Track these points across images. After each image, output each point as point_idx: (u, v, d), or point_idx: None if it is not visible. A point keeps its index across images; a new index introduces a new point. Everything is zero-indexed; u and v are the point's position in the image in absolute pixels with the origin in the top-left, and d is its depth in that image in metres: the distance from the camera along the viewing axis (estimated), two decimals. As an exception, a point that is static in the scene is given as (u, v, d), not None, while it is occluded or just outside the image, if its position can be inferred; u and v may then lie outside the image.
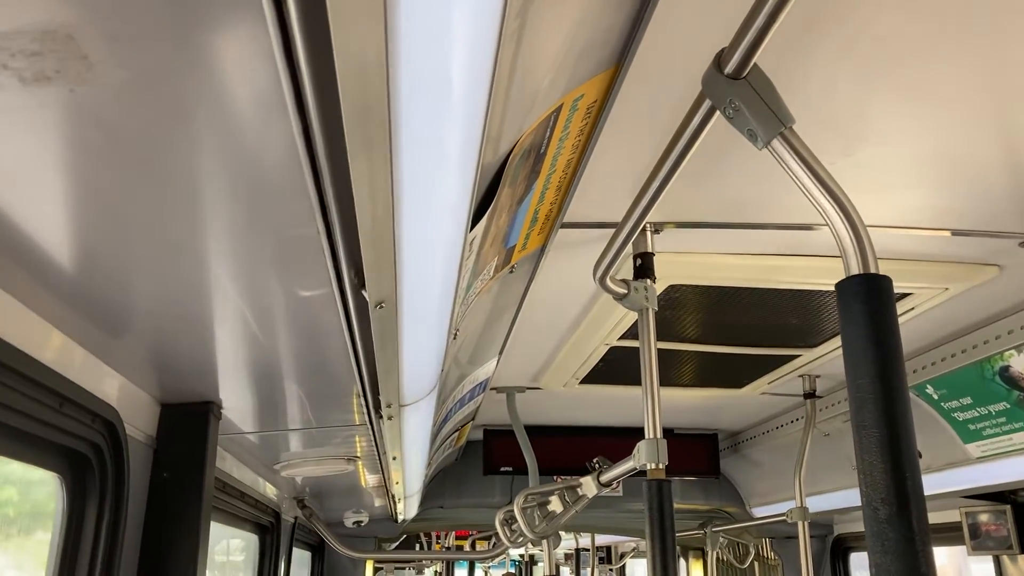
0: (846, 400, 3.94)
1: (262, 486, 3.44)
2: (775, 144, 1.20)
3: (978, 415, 3.16)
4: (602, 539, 10.24)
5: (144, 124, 0.87)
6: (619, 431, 4.78)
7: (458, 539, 10.94)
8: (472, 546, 10.00)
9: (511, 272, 2.19)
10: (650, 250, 2.18)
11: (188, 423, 2.02)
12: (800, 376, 3.72)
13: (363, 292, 1.24)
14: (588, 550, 10.43)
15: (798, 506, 3.90)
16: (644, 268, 2.17)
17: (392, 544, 6.40)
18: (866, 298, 1.10)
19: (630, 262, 2.17)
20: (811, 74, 1.53)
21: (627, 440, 2.30)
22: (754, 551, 6.24)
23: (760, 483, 5.31)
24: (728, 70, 1.21)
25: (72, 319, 1.45)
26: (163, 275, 1.30)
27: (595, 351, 3.27)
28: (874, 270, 1.13)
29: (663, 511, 2.00)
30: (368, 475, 3.71)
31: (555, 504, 3.08)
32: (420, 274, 1.24)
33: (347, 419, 2.48)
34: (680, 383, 3.79)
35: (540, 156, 1.53)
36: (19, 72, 0.73)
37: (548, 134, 1.45)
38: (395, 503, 4.23)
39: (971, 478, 3.41)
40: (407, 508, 4.61)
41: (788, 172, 1.20)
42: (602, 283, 2.09)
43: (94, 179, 1.00)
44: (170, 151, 0.94)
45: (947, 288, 2.53)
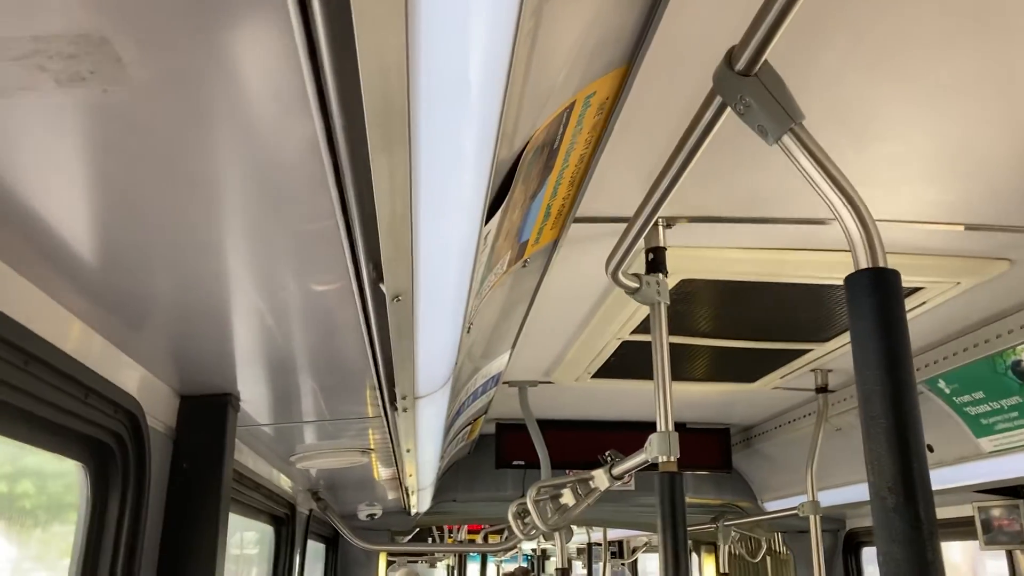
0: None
1: (278, 478, 3.48)
2: (785, 140, 1.22)
3: (990, 409, 3.16)
4: (614, 533, 10.27)
5: (170, 122, 0.90)
6: (631, 425, 4.80)
7: (470, 533, 11.00)
8: (484, 539, 10.05)
9: (524, 266, 2.21)
10: (662, 244, 2.20)
11: (207, 414, 2.06)
12: (812, 371, 3.72)
13: (380, 286, 1.27)
14: (600, 544, 10.46)
15: (810, 500, 3.91)
16: (656, 263, 2.19)
17: (405, 537, 6.45)
18: (874, 292, 1.12)
19: (642, 257, 2.19)
20: (821, 69, 1.55)
21: (639, 434, 2.32)
22: (766, 545, 6.25)
23: (772, 477, 5.32)
24: (739, 67, 1.23)
25: (96, 312, 1.48)
26: (184, 269, 1.34)
27: (607, 345, 3.29)
28: (883, 264, 1.15)
29: (675, 504, 2.02)
30: (382, 468, 3.75)
31: (567, 497, 3.11)
32: (436, 268, 1.27)
33: (362, 411, 2.51)
34: (692, 377, 3.80)
35: (553, 151, 1.55)
36: (55, 73, 0.76)
37: (561, 130, 1.47)
38: (408, 496, 4.26)
39: (983, 472, 3.41)
40: (420, 501, 4.64)
41: (798, 167, 1.22)
42: (614, 278, 2.11)
43: (120, 175, 1.03)
44: (194, 148, 0.96)
45: (959, 282, 2.53)
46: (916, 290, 2.59)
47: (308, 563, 4.57)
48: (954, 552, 5.17)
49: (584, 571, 12.17)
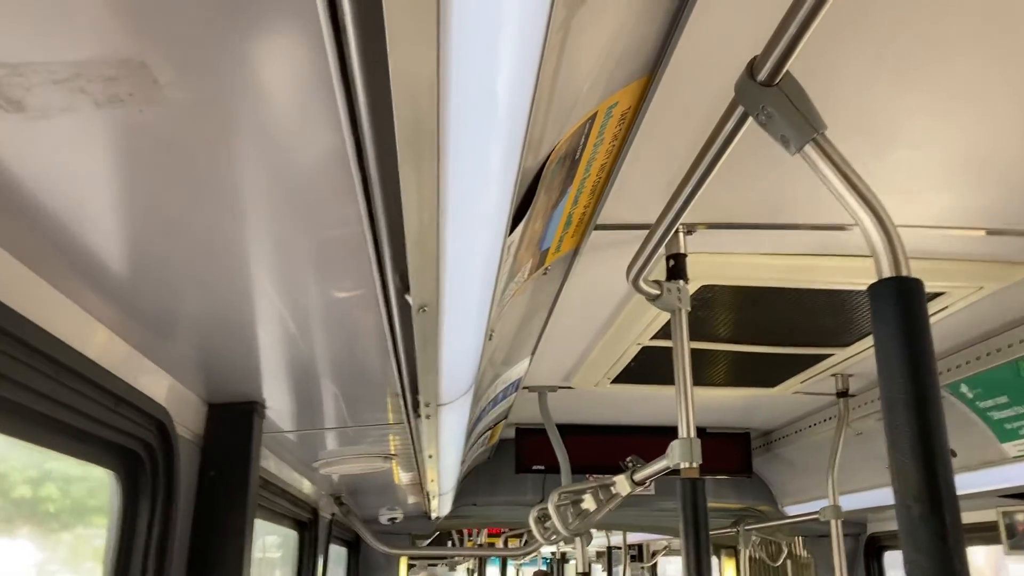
0: (879, 399, 3.93)
1: (301, 483, 3.51)
2: (807, 149, 1.22)
3: (1014, 414, 3.14)
4: (634, 537, 10.25)
5: (202, 139, 0.92)
6: (650, 430, 4.80)
7: (490, 536, 11.01)
8: (504, 543, 10.06)
9: (544, 274, 2.22)
10: (683, 251, 2.21)
11: (234, 422, 2.09)
12: (833, 375, 3.71)
13: (406, 296, 1.29)
14: (620, 548, 10.45)
15: (831, 504, 3.90)
16: (677, 269, 2.20)
17: (425, 541, 6.47)
18: (897, 301, 1.13)
19: (663, 263, 2.20)
20: (841, 77, 1.55)
21: (658, 439, 2.32)
22: (787, 549, 6.22)
23: (792, 482, 5.30)
24: (761, 77, 1.24)
25: (126, 323, 1.51)
26: (212, 280, 1.36)
27: (627, 351, 3.30)
28: (906, 273, 1.15)
29: (697, 509, 2.03)
30: (403, 473, 3.77)
31: (588, 502, 3.12)
32: (461, 278, 1.28)
33: (384, 418, 2.53)
34: (712, 382, 3.80)
35: (575, 162, 1.57)
36: (94, 96, 0.78)
37: (583, 141, 1.49)
38: (430, 500, 4.28)
39: (1008, 477, 3.39)
40: (441, 505, 4.66)
41: (820, 177, 1.22)
42: (635, 284, 2.12)
43: (151, 190, 1.05)
44: (224, 163, 0.99)
45: (981, 287, 2.52)
46: (938, 295, 2.58)
47: (330, 567, 4.60)
48: (978, 556, 5.13)
49: (604, 575, 12.15)
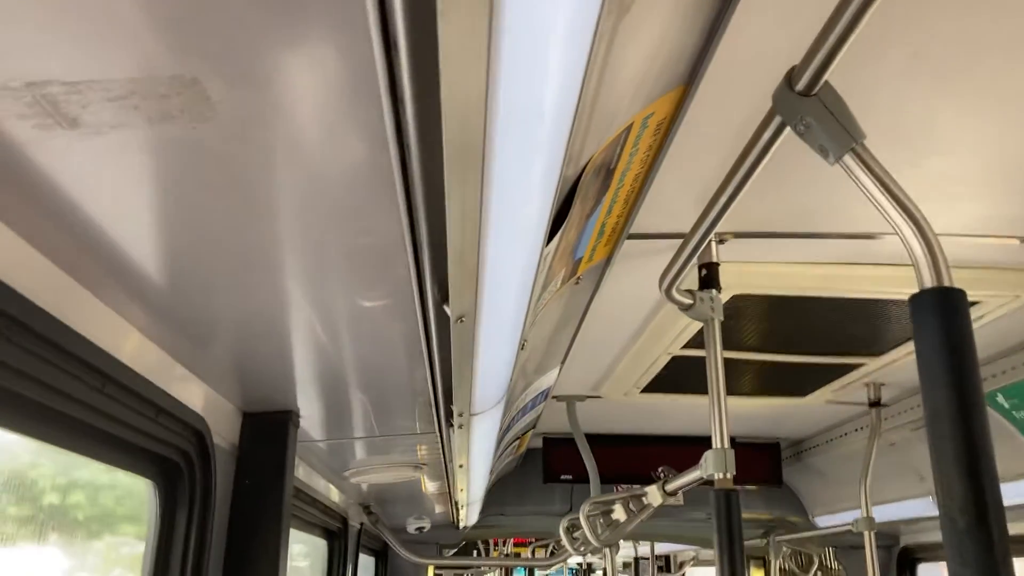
0: (912, 409, 3.90)
1: (331, 492, 3.53)
2: (846, 159, 1.22)
3: (1051, 425, 3.10)
4: (661, 547, 10.19)
5: (249, 153, 0.93)
6: (680, 440, 4.77)
7: (516, 546, 10.98)
8: (531, 553, 10.04)
9: (577, 283, 2.22)
10: (715, 260, 2.20)
11: (269, 431, 2.10)
12: (865, 384, 3.68)
13: (444, 307, 1.30)
14: (647, 559, 10.38)
15: (864, 516, 3.85)
16: (709, 278, 2.19)
17: (451, 550, 6.47)
18: (940, 311, 1.12)
19: (695, 272, 2.19)
20: (876, 85, 1.55)
21: (688, 449, 2.30)
22: (817, 561, 6.16)
23: (823, 492, 5.25)
24: (799, 87, 1.23)
25: (166, 333, 1.53)
26: (250, 290, 1.37)
27: (657, 360, 3.29)
28: (948, 283, 1.14)
29: (731, 521, 2.01)
30: (431, 482, 3.78)
31: (618, 512, 3.11)
32: (498, 289, 1.29)
33: (416, 427, 2.54)
34: (742, 392, 3.78)
35: (610, 172, 1.57)
36: (147, 112, 0.80)
37: (619, 151, 1.49)
38: (458, 510, 4.28)
39: (1047, 489, 3.33)
40: (469, 515, 4.66)
41: (860, 187, 1.22)
42: (668, 294, 2.11)
43: (195, 203, 1.06)
44: (268, 176, 1.00)
45: (1018, 296, 2.49)
46: (973, 304, 2.56)
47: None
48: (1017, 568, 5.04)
49: (631, 585, 12.08)
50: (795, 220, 2.16)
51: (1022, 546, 3.96)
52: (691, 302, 2.13)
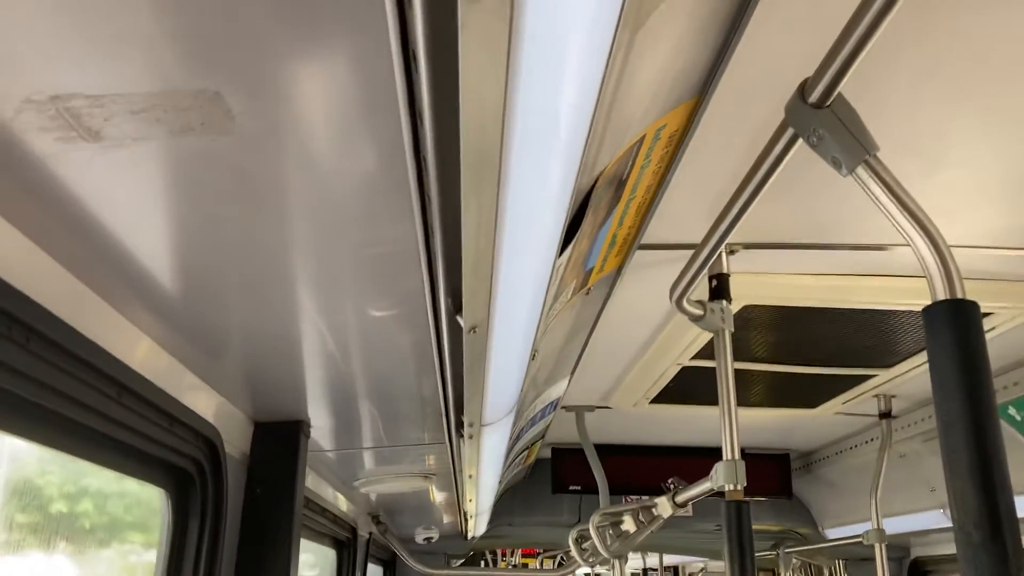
0: (923, 420, 3.88)
1: (341, 502, 3.53)
2: (859, 171, 1.22)
3: (1064, 437, 3.08)
4: (670, 559, 10.15)
5: (268, 167, 0.94)
6: (689, 451, 4.76)
7: (524, 557, 10.95)
8: (540, 564, 10.01)
9: (587, 294, 2.23)
10: (725, 271, 2.20)
11: (280, 441, 2.11)
12: (875, 396, 3.66)
13: (458, 317, 1.30)
14: (656, 570, 10.34)
15: (875, 528, 3.83)
16: (720, 289, 2.19)
17: (459, 560, 6.46)
18: (953, 323, 1.12)
19: (705, 283, 2.19)
20: (887, 97, 1.55)
21: (697, 460, 2.30)
22: (827, 573, 6.13)
23: (833, 504, 5.22)
24: (812, 99, 1.24)
25: (179, 341, 1.53)
26: (264, 300, 1.38)
27: (667, 371, 3.28)
28: (961, 295, 1.14)
29: (742, 533, 2.01)
30: (440, 492, 3.78)
31: (628, 523, 3.10)
32: (511, 300, 1.29)
33: (426, 438, 2.54)
34: (752, 403, 3.76)
35: (622, 183, 1.57)
36: (168, 125, 0.81)
37: (631, 163, 1.49)
38: (467, 520, 4.28)
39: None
40: (477, 525, 4.66)
41: (872, 198, 1.22)
42: (678, 305, 2.11)
43: (211, 213, 1.07)
44: (284, 187, 1.01)
45: (1029, 308, 2.49)
46: (985, 315, 2.55)
47: (366, 586, 4.60)
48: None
49: (638, 597, 12.02)
50: (805, 231, 2.16)
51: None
52: (701, 313, 2.13)
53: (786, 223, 2.12)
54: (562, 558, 8.83)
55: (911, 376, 3.20)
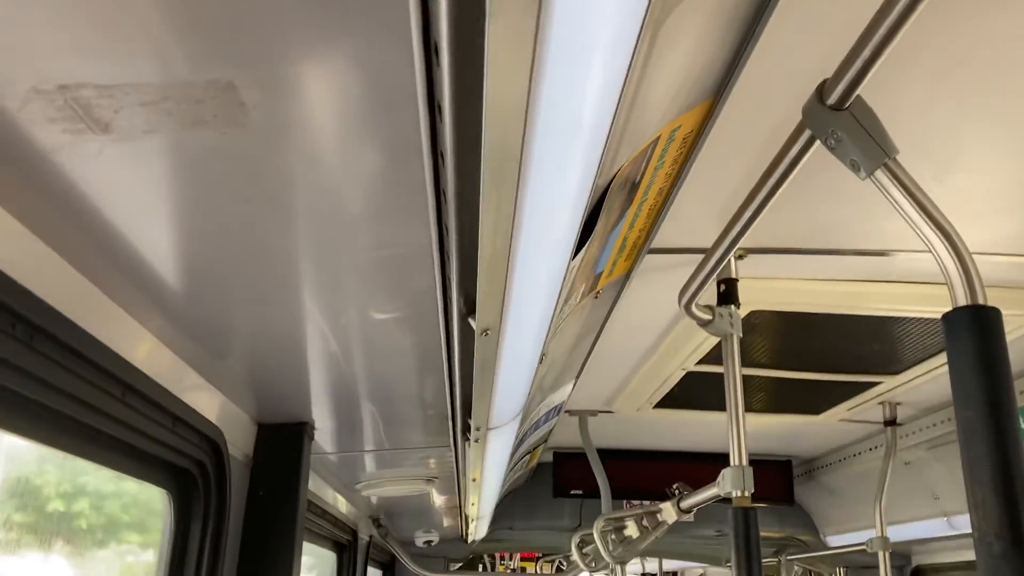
0: (928, 428, 3.86)
1: (342, 505, 3.51)
2: (878, 175, 1.20)
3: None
4: (669, 564, 10.12)
5: (280, 162, 0.92)
6: (692, 456, 4.73)
7: (523, 560, 10.92)
8: (538, 568, 9.97)
9: (596, 297, 2.21)
10: (734, 276, 2.18)
11: (283, 442, 2.09)
12: (880, 403, 3.64)
13: (470, 320, 1.28)
14: (655, 575, 10.31)
15: (878, 536, 3.81)
16: (728, 294, 2.17)
17: (457, 564, 6.43)
18: (975, 329, 1.10)
19: (713, 288, 2.17)
20: (903, 100, 1.53)
21: (700, 465, 2.28)
22: (828, 580, 6.10)
23: (835, 511, 5.20)
24: (831, 101, 1.22)
25: (183, 342, 1.51)
26: (271, 301, 1.36)
27: (671, 375, 3.26)
28: (982, 301, 1.12)
29: (749, 540, 1.99)
30: (440, 495, 3.76)
31: (631, 529, 3.08)
32: (524, 303, 1.27)
33: (430, 441, 2.53)
34: (755, 409, 3.74)
35: (635, 186, 1.55)
36: (180, 117, 0.79)
37: (645, 164, 1.47)
38: (468, 523, 4.26)
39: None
40: (478, 529, 4.63)
41: (892, 202, 1.20)
42: (687, 309, 2.09)
43: (219, 210, 1.05)
44: (294, 184, 0.99)
45: (1042, 314, 2.46)
46: (997, 323, 2.53)
47: (365, 589, 4.58)
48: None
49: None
50: (813, 236, 2.14)
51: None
52: (710, 318, 2.12)
53: (794, 228, 2.10)
54: (561, 562, 8.81)
55: (917, 384, 3.18)
